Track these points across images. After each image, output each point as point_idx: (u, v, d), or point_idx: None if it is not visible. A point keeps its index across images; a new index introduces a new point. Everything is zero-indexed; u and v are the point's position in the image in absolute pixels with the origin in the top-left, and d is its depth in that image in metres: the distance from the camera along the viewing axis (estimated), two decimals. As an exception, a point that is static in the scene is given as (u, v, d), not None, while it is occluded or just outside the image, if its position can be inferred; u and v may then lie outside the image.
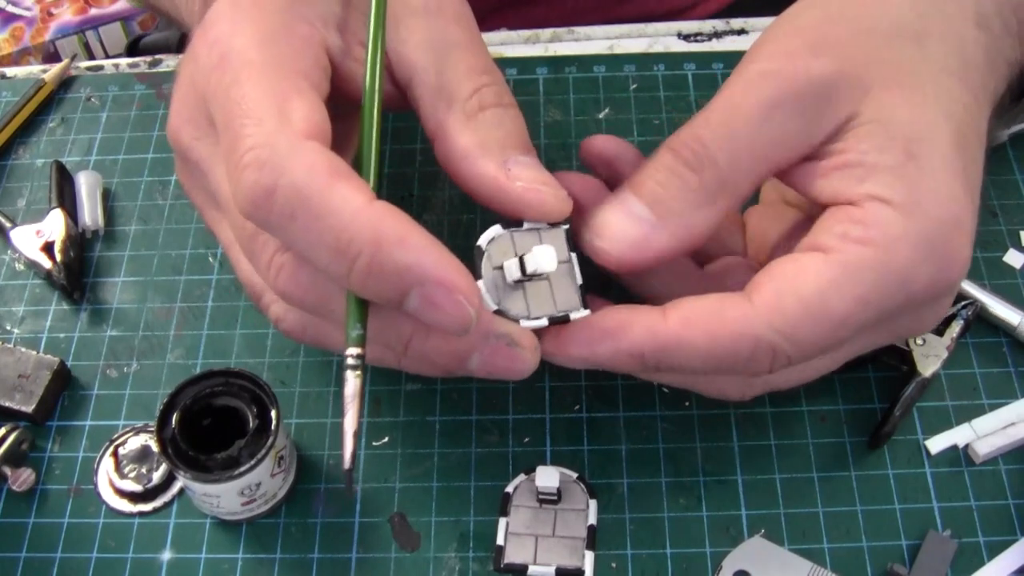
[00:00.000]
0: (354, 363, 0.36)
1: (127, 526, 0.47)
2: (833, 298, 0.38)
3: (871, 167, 0.38)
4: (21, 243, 0.55)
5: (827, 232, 0.39)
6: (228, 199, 0.39)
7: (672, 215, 0.40)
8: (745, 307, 0.38)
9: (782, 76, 0.39)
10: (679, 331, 0.39)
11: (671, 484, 0.47)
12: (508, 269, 0.39)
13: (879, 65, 0.39)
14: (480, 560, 0.45)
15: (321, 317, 0.40)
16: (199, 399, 0.45)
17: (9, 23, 1.21)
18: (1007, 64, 0.43)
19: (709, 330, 0.38)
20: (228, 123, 0.37)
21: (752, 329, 0.38)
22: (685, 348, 0.39)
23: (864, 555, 0.45)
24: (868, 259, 0.38)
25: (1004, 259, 0.53)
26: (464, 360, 0.39)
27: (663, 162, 0.40)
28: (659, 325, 0.39)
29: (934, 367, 0.47)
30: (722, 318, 0.38)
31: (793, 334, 0.38)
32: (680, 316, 0.39)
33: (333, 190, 0.35)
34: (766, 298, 0.38)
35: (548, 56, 0.63)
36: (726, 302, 0.39)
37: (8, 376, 0.50)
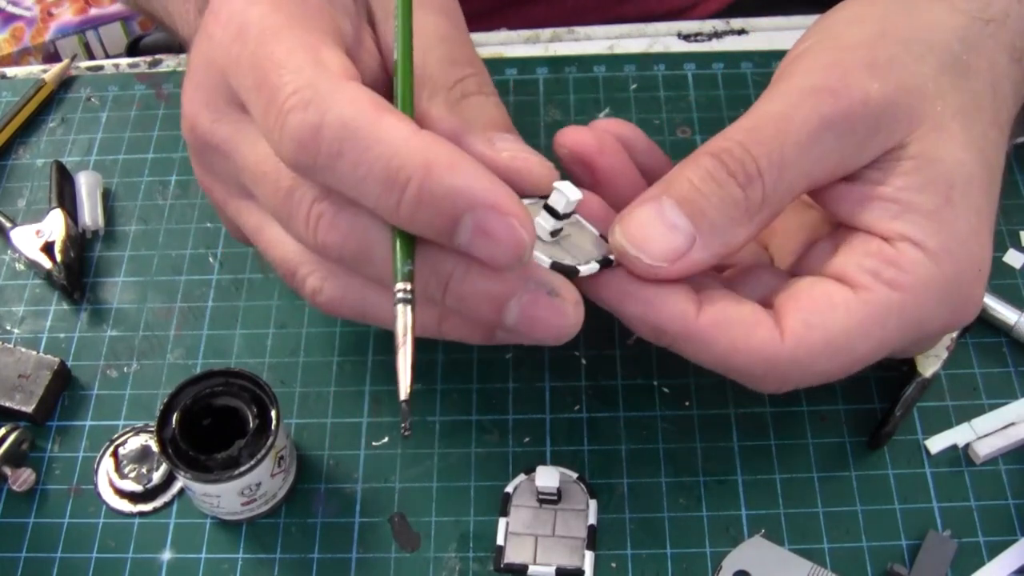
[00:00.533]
0: (404, 296, 0.35)
1: (127, 526, 0.47)
2: (858, 340, 0.38)
3: (907, 205, 0.38)
4: (21, 243, 0.55)
5: (857, 266, 0.39)
6: (258, 171, 0.39)
7: (713, 229, 0.38)
8: (773, 333, 0.38)
9: (839, 95, 0.38)
10: (706, 329, 0.38)
11: (671, 484, 0.47)
12: (540, 224, 0.39)
13: (931, 99, 0.39)
14: (480, 560, 0.45)
15: (362, 273, 0.39)
16: (199, 399, 0.45)
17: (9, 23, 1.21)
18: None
19: (733, 341, 0.38)
20: (263, 79, 0.36)
21: (774, 356, 0.38)
22: (705, 346, 0.39)
23: (864, 555, 0.45)
24: (896, 304, 0.38)
25: (1004, 259, 0.53)
26: (503, 307, 0.37)
27: (705, 167, 0.38)
28: (691, 315, 0.39)
29: (934, 367, 0.47)
30: (749, 335, 0.38)
31: (811, 366, 0.38)
32: (713, 317, 0.39)
33: (380, 120, 0.34)
34: (794, 328, 0.38)
35: (548, 56, 0.63)
36: (759, 320, 0.39)
37: (8, 376, 0.50)
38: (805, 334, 0.38)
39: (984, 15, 0.41)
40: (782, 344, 0.38)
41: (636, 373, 0.50)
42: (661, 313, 0.39)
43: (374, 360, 0.51)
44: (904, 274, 0.38)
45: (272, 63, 0.36)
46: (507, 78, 0.61)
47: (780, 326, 0.38)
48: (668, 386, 0.49)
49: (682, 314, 0.39)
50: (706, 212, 0.38)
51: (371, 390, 0.50)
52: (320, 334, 0.52)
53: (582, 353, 0.51)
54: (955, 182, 0.38)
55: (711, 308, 0.39)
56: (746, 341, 0.38)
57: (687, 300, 0.39)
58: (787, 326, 0.38)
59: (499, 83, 0.61)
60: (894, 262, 0.38)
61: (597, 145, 0.43)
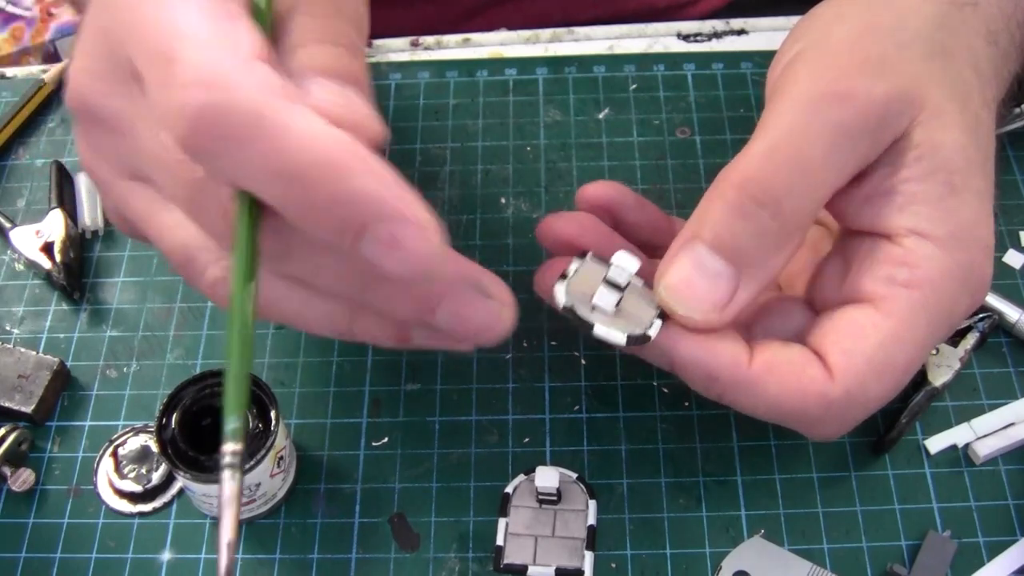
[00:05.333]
0: (232, 461, 0.32)
1: (127, 526, 0.47)
2: (897, 351, 0.38)
3: (912, 196, 0.38)
4: (21, 243, 0.55)
5: (871, 278, 0.39)
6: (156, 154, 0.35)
7: (753, 266, 0.37)
8: (823, 371, 0.38)
9: (847, 99, 0.37)
10: (759, 375, 0.38)
11: (671, 484, 0.47)
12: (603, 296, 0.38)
13: (927, 85, 0.39)
14: (480, 560, 0.45)
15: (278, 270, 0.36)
16: (199, 399, 0.45)
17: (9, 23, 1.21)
18: (1009, 75, 0.43)
19: (786, 383, 0.38)
20: (160, 51, 0.32)
21: (826, 393, 0.38)
22: (758, 391, 0.38)
23: (864, 555, 0.45)
24: (919, 303, 0.38)
25: (1004, 259, 0.53)
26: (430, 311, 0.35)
27: (731, 203, 0.37)
28: (743, 362, 0.38)
29: (945, 377, 0.47)
30: (802, 375, 0.38)
31: (863, 393, 0.38)
32: (764, 362, 0.38)
33: (292, 112, 0.31)
34: (836, 362, 0.38)
35: (548, 56, 0.63)
36: (808, 359, 0.38)
37: (8, 376, 0.50)
38: (848, 364, 0.38)
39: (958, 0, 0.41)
40: (832, 380, 0.38)
41: (636, 373, 0.50)
42: (715, 361, 0.38)
43: (374, 360, 0.51)
44: (917, 270, 0.38)
45: (173, 33, 0.32)
46: (507, 78, 0.61)
47: (826, 365, 0.38)
48: (668, 386, 0.49)
49: (734, 361, 0.38)
50: (743, 250, 0.37)
51: (371, 390, 0.50)
52: (320, 334, 0.52)
53: (582, 353, 0.51)
54: (957, 167, 0.38)
55: (762, 352, 0.39)
56: (798, 382, 0.38)
57: (739, 346, 0.39)
58: (830, 363, 0.38)
59: (499, 83, 0.61)
60: (904, 262, 0.38)
61: (577, 230, 0.43)
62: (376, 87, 0.36)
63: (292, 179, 0.31)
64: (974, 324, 0.48)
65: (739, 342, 0.39)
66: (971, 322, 0.48)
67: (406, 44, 0.64)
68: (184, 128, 0.31)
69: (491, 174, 0.58)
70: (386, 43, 0.64)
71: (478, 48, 0.64)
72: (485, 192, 0.57)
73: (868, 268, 0.39)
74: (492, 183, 0.57)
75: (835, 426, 0.40)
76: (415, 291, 0.35)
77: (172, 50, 0.31)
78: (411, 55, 0.63)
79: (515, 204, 0.56)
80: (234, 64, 0.31)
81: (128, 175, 0.38)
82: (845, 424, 0.40)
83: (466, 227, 0.55)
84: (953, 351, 0.48)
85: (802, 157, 0.37)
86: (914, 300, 0.38)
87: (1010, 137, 0.56)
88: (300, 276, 0.36)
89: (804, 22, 0.42)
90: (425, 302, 0.35)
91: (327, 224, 0.31)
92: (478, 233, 0.55)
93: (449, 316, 0.35)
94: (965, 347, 0.48)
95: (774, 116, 0.38)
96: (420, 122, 0.60)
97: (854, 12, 0.41)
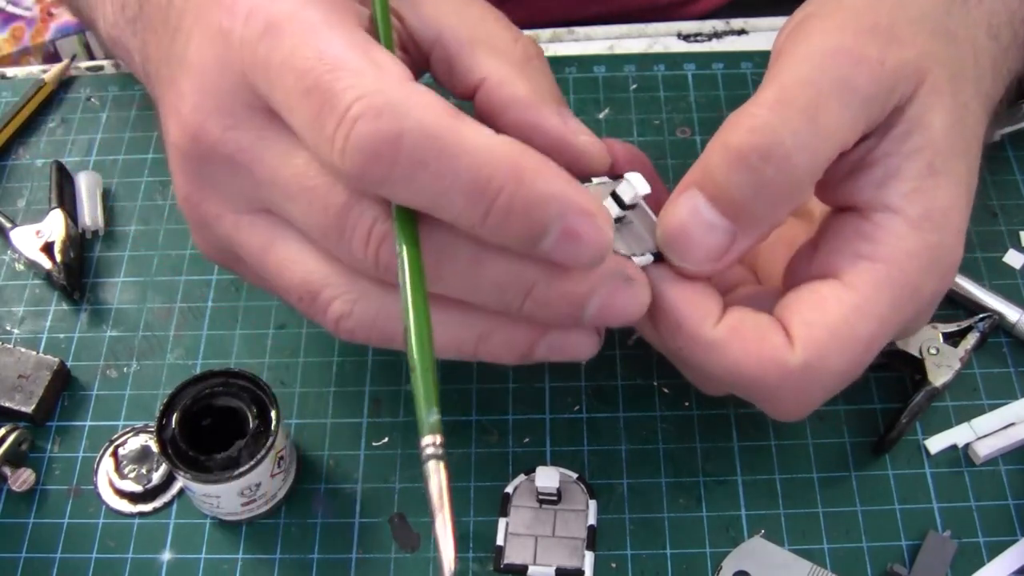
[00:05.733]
0: (435, 452, 0.32)
1: (127, 526, 0.47)
2: (859, 323, 0.37)
3: (893, 171, 0.38)
4: (21, 243, 0.55)
5: (838, 253, 0.38)
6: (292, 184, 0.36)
7: (752, 219, 0.37)
8: (785, 340, 0.38)
9: (860, 59, 0.36)
10: (723, 334, 0.38)
11: (671, 484, 0.47)
12: None
13: (928, 62, 0.38)
14: (480, 560, 0.45)
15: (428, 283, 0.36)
16: (199, 399, 0.45)
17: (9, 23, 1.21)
18: (1009, 72, 0.43)
19: (747, 347, 0.38)
20: (312, 85, 0.33)
21: (785, 362, 0.37)
22: (718, 352, 0.38)
23: (864, 555, 0.45)
24: (883, 277, 0.38)
25: (1004, 259, 0.53)
26: (583, 306, 0.36)
27: (733, 154, 0.36)
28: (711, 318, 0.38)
29: (945, 378, 0.47)
30: (763, 340, 0.38)
31: (824, 367, 0.37)
32: (730, 322, 0.38)
33: (462, 128, 0.32)
34: (797, 333, 0.38)
35: (548, 56, 0.62)
36: (773, 329, 0.38)
37: (8, 376, 0.50)
38: (808, 334, 0.37)
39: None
40: (791, 350, 0.37)
41: (636, 373, 0.50)
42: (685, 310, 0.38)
43: (374, 360, 0.51)
44: (882, 245, 0.38)
45: (323, 65, 0.33)
46: (507, 78, 0.61)
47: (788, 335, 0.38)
48: (668, 386, 0.49)
49: (703, 315, 0.38)
50: (742, 204, 0.37)
51: (371, 390, 0.50)
52: (320, 334, 0.52)
53: (582, 353, 0.51)
54: (939, 149, 0.38)
55: (730, 316, 0.38)
56: (759, 347, 0.37)
57: (713, 304, 0.38)
58: (792, 333, 0.38)
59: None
60: (870, 237, 0.38)
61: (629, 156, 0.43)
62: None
63: (475, 192, 0.32)
64: (974, 324, 0.48)
65: (716, 301, 0.39)
66: (971, 322, 0.48)
67: (406, 44, 0.64)
68: (359, 158, 0.32)
69: (491, 174, 0.57)
70: (386, 43, 0.64)
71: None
72: (485, 192, 0.57)
73: (837, 244, 0.39)
74: (492, 183, 0.57)
75: (793, 401, 0.39)
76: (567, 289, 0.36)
77: (327, 82, 0.32)
78: (411, 55, 0.63)
79: (515, 204, 0.56)
80: (398, 88, 0.32)
81: (248, 209, 0.38)
82: (804, 400, 0.39)
83: (466, 227, 0.55)
84: (953, 351, 0.47)
85: (814, 108, 0.36)
86: (878, 274, 0.38)
87: (1010, 137, 0.56)
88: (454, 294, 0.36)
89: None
90: (577, 298, 0.36)
91: (512, 229, 0.33)
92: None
93: (598, 309, 0.36)
94: (965, 347, 0.48)
95: (786, 67, 0.37)
96: (420, 122, 0.60)
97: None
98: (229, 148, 0.37)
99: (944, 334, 0.48)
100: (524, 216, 0.33)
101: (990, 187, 0.55)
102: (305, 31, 0.34)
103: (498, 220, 0.33)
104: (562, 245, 0.33)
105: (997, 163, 0.56)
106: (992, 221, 0.54)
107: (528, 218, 0.33)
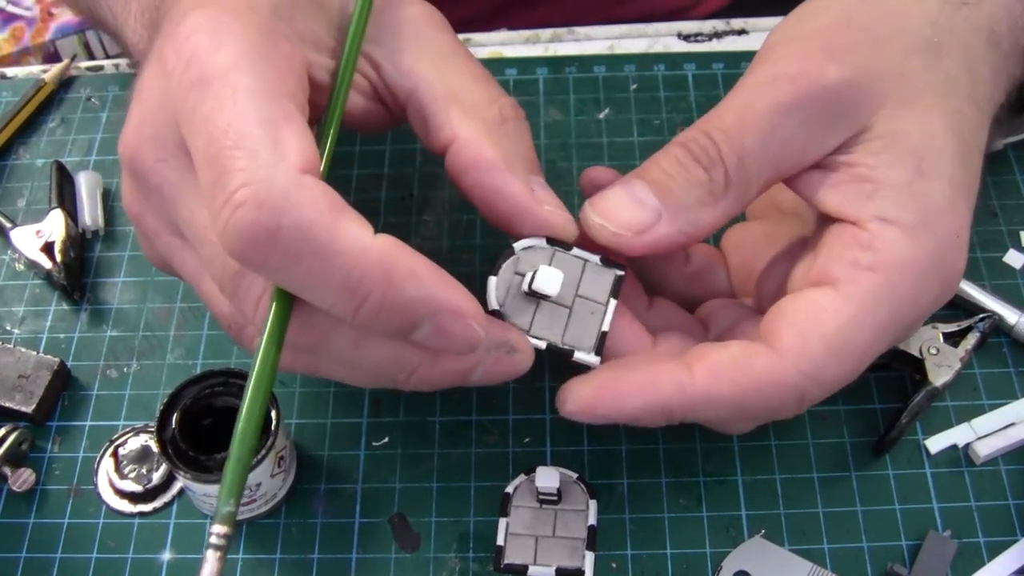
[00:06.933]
0: (218, 542, 0.33)
1: (127, 526, 0.47)
2: (854, 334, 0.38)
3: (880, 183, 0.38)
4: (21, 243, 0.55)
5: (836, 261, 0.39)
6: (202, 233, 0.37)
7: (678, 207, 0.39)
8: (771, 356, 0.38)
9: (797, 80, 0.39)
10: (708, 385, 0.38)
11: (671, 484, 0.47)
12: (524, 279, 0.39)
13: (894, 79, 0.39)
14: (480, 560, 0.45)
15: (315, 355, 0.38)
16: (199, 399, 0.45)
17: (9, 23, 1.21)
18: (1009, 79, 0.43)
19: (737, 382, 0.38)
20: (214, 155, 0.33)
21: (782, 378, 0.38)
22: (714, 401, 0.38)
23: (864, 555, 0.45)
24: (882, 287, 0.38)
25: (1004, 259, 0.53)
26: (468, 375, 0.39)
27: (673, 154, 0.40)
28: (687, 381, 0.38)
29: (945, 378, 0.47)
30: (749, 369, 0.38)
31: (821, 375, 0.38)
32: (707, 370, 0.38)
33: (339, 228, 0.33)
34: (790, 343, 0.38)
35: (548, 56, 0.63)
36: (751, 352, 0.38)
37: (8, 376, 0.50)
38: (803, 346, 0.38)
39: None
40: (784, 363, 0.38)
41: (636, 373, 0.50)
42: (659, 392, 0.38)
43: (374, 360, 0.51)
44: (881, 254, 0.38)
45: (227, 139, 0.33)
46: (507, 78, 0.61)
47: (776, 348, 0.38)
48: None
49: (678, 384, 0.38)
50: (672, 191, 0.39)
51: (371, 390, 0.50)
52: (320, 334, 0.52)
53: (582, 353, 0.51)
54: (925, 154, 0.38)
55: (701, 363, 0.39)
56: (748, 375, 0.38)
57: (678, 368, 0.39)
58: (783, 345, 0.38)
59: (499, 83, 0.61)
60: (869, 246, 0.38)
61: None
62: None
63: (346, 291, 0.33)
64: (974, 324, 0.48)
65: (676, 364, 0.39)
66: (971, 322, 0.48)
67: (406, 44, 0.64)
68: (236, 243, 0.33)
69: (491, 174, 0.57)
70: (386, 43, 0.64)
71: (478, 48, 0.64)
72: (485, 192, 0.57)
73: (834, 253, 0.39)
74: (492, 183, 0.57)
75: (794, 407, 0.40)
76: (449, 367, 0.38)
77: (225, 158, 0.33)
78: (411, 55, 0.63)
79: (515, 204, 0.56)
80: (286, 180, 0.33)
81: (174, 233, 0.40)
82: (805, 403, 0.40)
83: (466, 227, 0.55)
84: (953, 351, 0.47)
85: (741, 128, 0.39)
86: (877, 284, 0.38)
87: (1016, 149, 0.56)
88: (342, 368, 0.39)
89: (794, 13, 0.43)
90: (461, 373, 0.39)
91: (384, 324, 0.35)
92: (478, 233, 0.55)
93: (482, 375, 0.39)
94: (965, 347, 0.48)
95: (732, 93, 0.40)
96: (420, 122, 0.60)
97: (841, 5, 0.41)
98: (158, 179, 0.38)
99: (944, 334, 0.48)
100: (394, 315, 0.34)
101: (990, 187, 0.55)
102: (226, 96, 0.34)
103: (369, 317, 0.34)
104: (436, 338, 0.35)
105: (997, 164, 0.56)
106: (992, 221, 0.54)
107: (399, 316, 0.34)
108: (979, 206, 0.41)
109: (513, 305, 0.40)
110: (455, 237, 0.55)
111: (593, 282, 0.40)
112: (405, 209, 0.56)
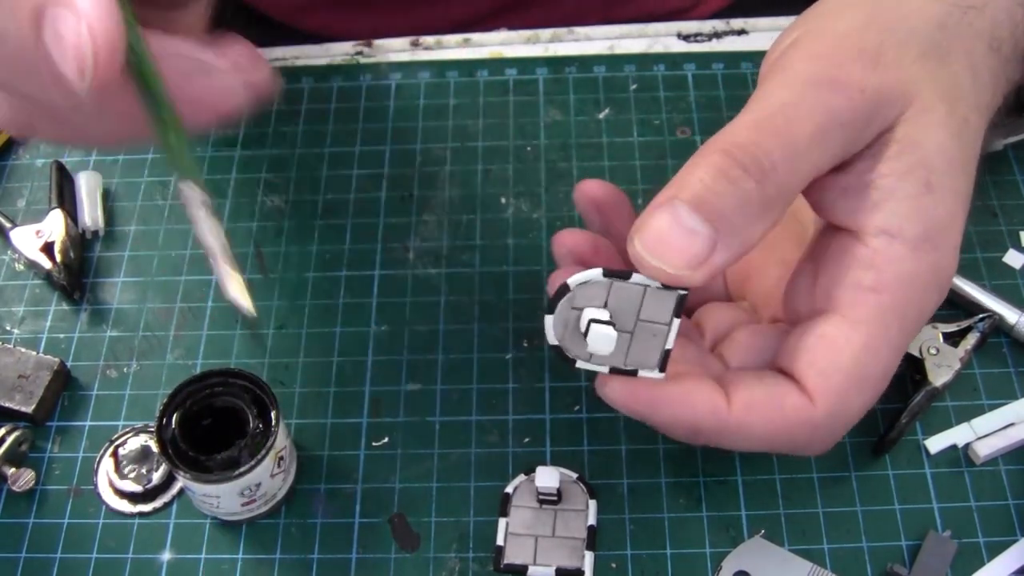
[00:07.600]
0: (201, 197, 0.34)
1: (127, 526, 0.47)
2: (871, 360, 0.38)
3: (888, 192, 0.38)
4: (21, 243, 0.55)
5: (839, 284, 0.39)
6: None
7: (733, 230, 0.36)
8: (802, 398, 0.38)
9: (840, 86, 0.37)
10: (741, 417, 0.38)
11: (671, 484, 0.47)
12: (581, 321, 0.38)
13: (914, 84, 0.39)
14: (480, 560, 0.45)
15: None
16: (199, 399, 0.45)
17: (9, 23, 1.20)
18: (1008, 83, 0.43)
19: (769, 419, 0.38)
20: None
21: (810, 418, 0.38)
22: (744, 433, 0.39)
23: (864, 555, 0.45)
24: (888, 307, 0.38)
25: (1004, 259, 0.53)
26: None
27: (715, 164, 0.36)
28: (722, 408, 0.38)
29: (945, 378, 0.47)
30: (782, 408, 0.38)
31: (848, 410, 0.39)
32: (743, 402, 0.38)
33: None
34: (815, 384, 0.38)
35: (548, 56, 0.63)
36: (784, 391, 0.39)
37: (8, 376, 0.50)
38: (827, 385, 0.38)
39: (963, 2, 0.41)
40: (813, 405, 0.38)
41: (636, 373, 0.50)
42: (693, 410, 0.39)
43: (374, 360, 0.51)
44: (884, 273, 0.38)
45: None
46: (507, 78, 0.61)
47: (803, 388, 0.38)
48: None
49: (713, 408, 0.38)
50: (723, 213, 0.36)
51: (371, 390, 0.50)
52: (320, 334, 0.52)
53: (582, 353, 0.51)
54: (935, 166, 0.38)
55: (738, 395, 0.39)
56: (782, 415, 0.38)
57: (715, 392, 0.39)
58: (809, 385, 0.38)
59: (499, 83, 0.61)
60: (872, 265, 0.38)
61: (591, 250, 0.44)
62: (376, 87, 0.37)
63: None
64: (974, 324, 0.48)
65: (714, 388, 0.39)
66: (971, 322, 0.48)
67: (406, 44, 0.64)
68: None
69: (491, 174, 0.58)
70: (386, 43, 0.64)
71: (478, 48, 0.64)
72: (485, 192, 0.57)
73: (836, 273, 0.39)
74: (492, 183, 0.57)
75: (822, 444, 0.40)
76: None
77: None
78: (411, 55, 0.63)
79: (515, 204, 0.56)
80: None
81: None
82: (832, 439, 0.40)
83: (466, 227, 0.55)
84: (953, 351, 0.47)
85: (791, 133, 0.36)
86: (883, 305, 0.38)
87: (1016, 150, 0.56)
88: None
89: (808, 12, 0.42)
90: None
91: None
92: (478, 233, 0.55)
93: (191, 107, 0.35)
94: (965, 347, 0.48)
95: (767, 93, 0.38)
96: (420, 122, 0.60)
97: (857, 5, 0.41)
98: None
99: (944, 334, 0.48)
100: None
101: (990, 187, 0.55)
102: None
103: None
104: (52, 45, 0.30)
105: (997, 164, 0.56)
106: (992, 221, 0.54)
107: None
108: (979, 206, 0.41)
109: (572, 339, 0.38)
110: (455, 237, 0.55)
111: (654, 306, 0.38)
112: (405, 209, 0.56)
